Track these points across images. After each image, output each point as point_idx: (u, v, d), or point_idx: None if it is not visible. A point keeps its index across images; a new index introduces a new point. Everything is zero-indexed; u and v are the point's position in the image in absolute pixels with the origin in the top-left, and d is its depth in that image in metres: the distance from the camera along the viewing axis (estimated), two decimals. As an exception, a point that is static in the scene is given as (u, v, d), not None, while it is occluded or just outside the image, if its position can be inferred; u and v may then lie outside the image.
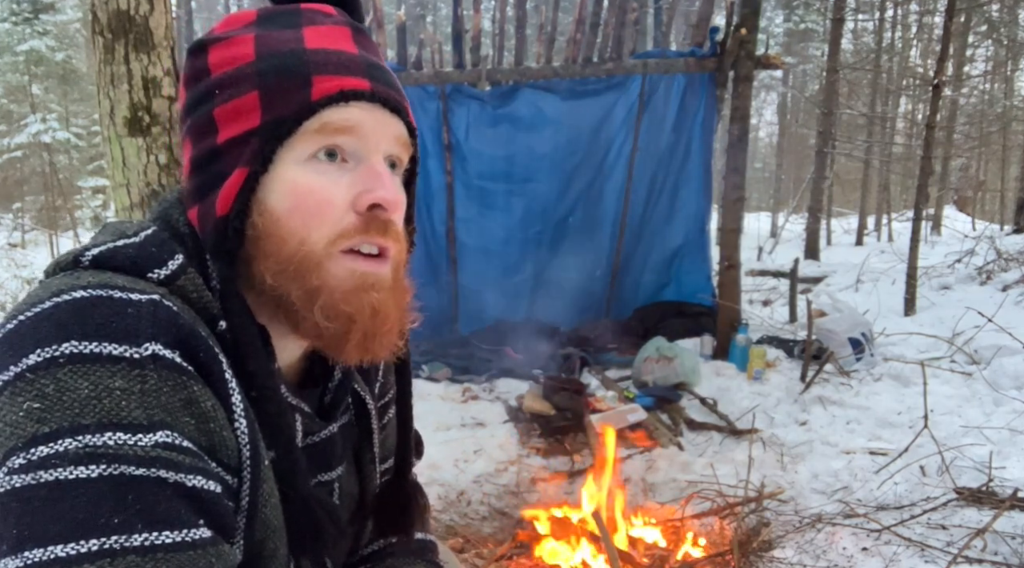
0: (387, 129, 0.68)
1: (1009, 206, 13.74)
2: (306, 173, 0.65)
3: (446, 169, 5.44)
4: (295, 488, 0.65)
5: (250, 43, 0.67)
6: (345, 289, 0.65)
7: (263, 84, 0.65)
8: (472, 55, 5.21)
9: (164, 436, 0.53)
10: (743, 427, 3.67)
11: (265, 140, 0.64)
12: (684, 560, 2.43)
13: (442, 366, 4.81)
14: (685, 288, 5.54)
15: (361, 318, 0.66)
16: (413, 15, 22.08)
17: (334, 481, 0.77)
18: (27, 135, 15.67)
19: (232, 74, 0.66)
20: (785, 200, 19.02)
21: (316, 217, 0.64)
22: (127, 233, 0.64)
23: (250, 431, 0.61)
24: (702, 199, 5.45)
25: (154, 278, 0.61)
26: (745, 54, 4.80)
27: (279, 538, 0.64)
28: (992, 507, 2.70)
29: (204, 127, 0.67)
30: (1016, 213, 9.67)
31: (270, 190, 0.65)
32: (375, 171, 0.66)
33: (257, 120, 0.65)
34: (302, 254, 0.64)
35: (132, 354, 0.54)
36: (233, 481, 0.60)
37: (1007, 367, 4.21)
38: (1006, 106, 16.59)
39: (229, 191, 0.64)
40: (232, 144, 0.65)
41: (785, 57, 16.35)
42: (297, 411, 0.71)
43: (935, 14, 15.42)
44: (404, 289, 0.73)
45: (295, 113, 0.64)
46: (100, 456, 0.50)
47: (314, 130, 0.64)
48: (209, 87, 0.67)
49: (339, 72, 0.65)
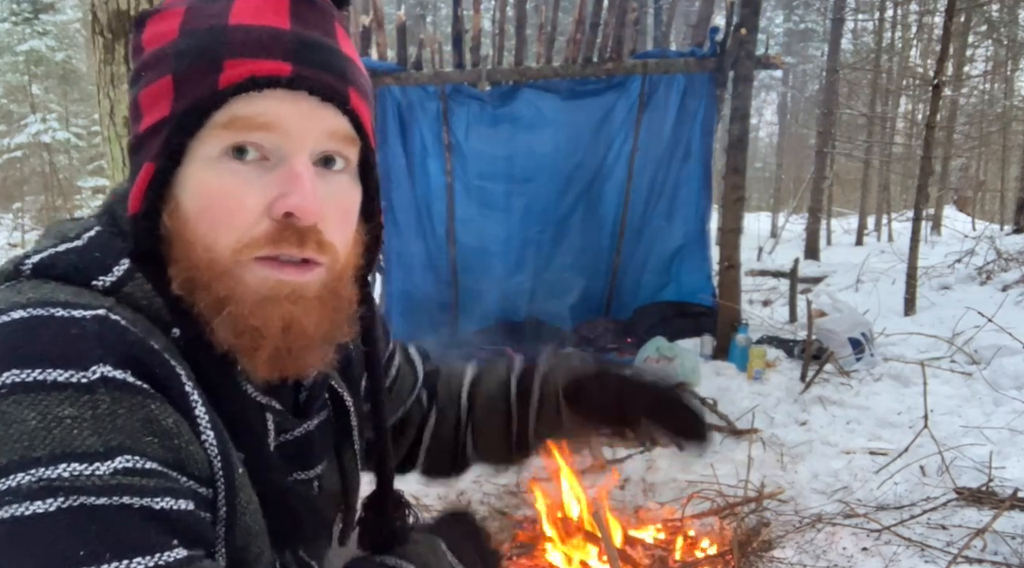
0: (315, 123, 0.59)
1: (1009, 206, 13.74)
2: (216, 173, 0.58)
3: (446, 169, 5.44)
4: (270, 485, 0.63)
5: (178, 17, 0.60)
6: (255, 299, 0.58)
7: (177, 67, 0.58)
8: (472, 55, 5.21)
9: (124, 461, 0.50)
10: (743, 427, 3.67)
11: (173, 132, 0.58)
12: (684, 560, 2.43)
13: (442, 366, 4.80)
14: (685, 288, 5.54)
15: (270, 332, 0.59)
16: (413, 15, 22.07)
17: (313, 479, 0.74)
18: (27, 135, 15.67)
19: (156, 53, 0.60)
20: (785, 200, 19.02)
21: (224, 223, 0.58)
22: (69, 236, 0.59)
23: (219, 442, 0.58)
24: (702, 199, 5.45)
25: (99, 286, 0.57)
26: (745, 54, 4.80)
27: (262, 541, 0.62)
28: (992, 507, 2.70)
29: (134, 112, 0.62)
30: (1016, 213, 9.67)
31: (182, 188, 0.59)
32: (294, 173, 0.58)
33: (168, 109, 0.58)
34: (207, 261, 0.58)
35: (80, 379, 0.50)
36: (208, 492, 0.57)
37: (1007, 367, 4.21)
38: (1006, 106, 16.58)
39: (139, 187, 0.59)
40: (148, 134, 0.60)
41: (785, 57, 16.36)
42: (268, 410, 0.67)
43: (935, 14, 15.40)
44: (340, 299, 0.64)
45: (201, 103, 0.57)
46: (57, 489, 0.47)
47: (223, 124, 0.57)
48: (139, 67, 0.61)
49: (255, 54, 0.57)
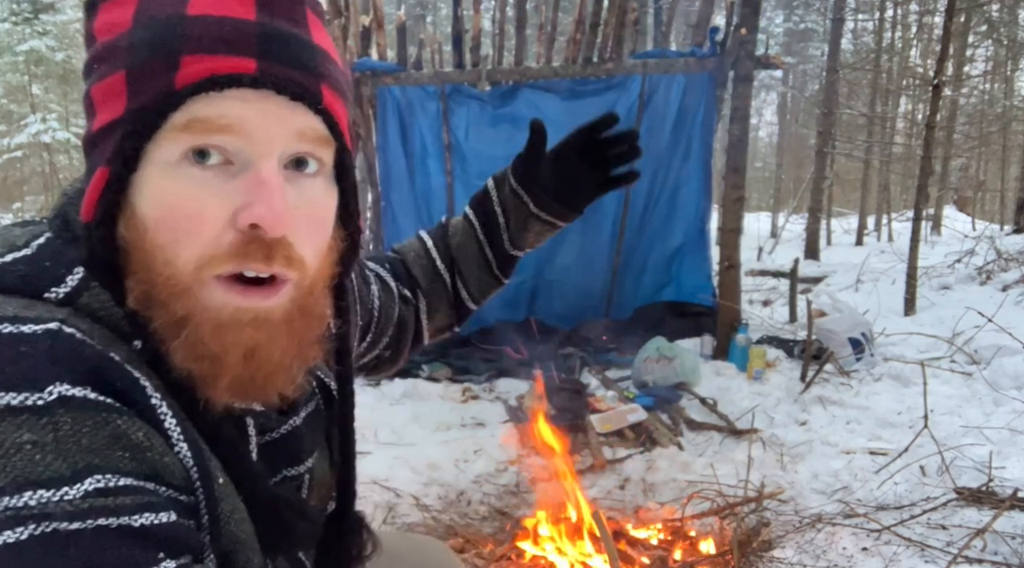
0: (283, 124, 0.54)
1: (1009, 206, 13.74)
2: (175, 179, 0.52)
3: (446, 169, 5.44)
4: (255, 496, 0.60)
5: (132, 6, 0.54)
6: (215, 324, 0.54)
7: (131, 62, 0.52)
8: (472, 55, 5.21)
9: (95, 482, 0.47)
10: (743, 427, 3.67)
11: (127, 135, 0.52)
12: (684, 560, 2.43)
13: (442, 366, 4.80)
14: (685, 288, 5.54)
15: (230, 360, 0.55)
16: (413, 15, 22.08)
17: (303, 474, 0.70)
18: (27, 135, 15.68)
19: (108, 45, 0.54)
20: (785, 200, 19.02)
21: (185, 234, 0.52)
22: (17, 244, 0.55)
23: (194, 453, 0.55)
24: (702, 199, 5.45)
25: (53, 298, 0.53)
26: (745, 54, 4.80)
27: (251, 549, 0.60)
28: (992, 507, 2.70)
29: (88, 107, 0.57)
30: (1016, 213, 9.67)
31: (139, 195, 0.53)
32: (260, 180, 0.53)
33: (122, 108, 0.53)
34: (166, 277, 0.53)
35: (36, 401, 0.47)
36: (190, 499, 0.55)
37: (1007, 367, 4.22)
38: (1006, 106, 16.58)
39: (92, 193, 0.54)
40: (101, 134, 0.55)
41: (785, 57, 16.37)
42: (247, 414, 0.63)
43: (935, 14, 15.40)
44: (309, 319, 0.59)
45: (158, 103, 0.52)
46: (25, 517, 0.45)
47: (181, 126, 0.52)
48: (91, 58, 0.56)
49: (216, 50, 0.51)
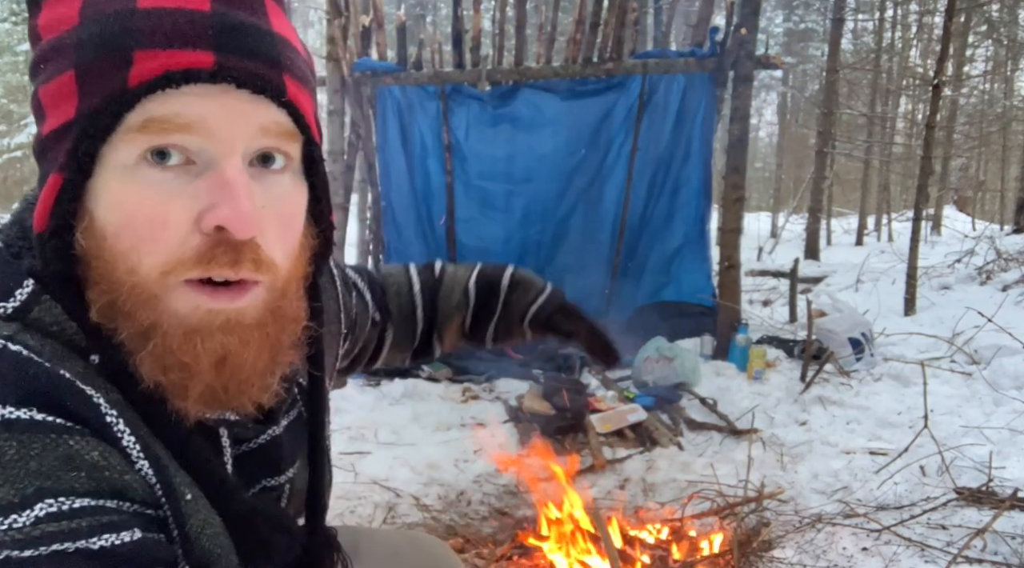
0: (246, 119, 0.51)
1: (1009, 206, 13.74)
2: (134, 183, 0.49)
3: (446, 169, 5.44)
4: (230, 511, 0.57)
5: (78, 1, 0.51)
6: (185, 330, 0.51)
7: (79, 60, 0.49)
8: (472, 55, 5.21)
9: (46, 507, 0.45)
10: (743, 427, 3.67)
11: (80, 138, 0.49)
12: (684, 560, 2.43)
13: (442, 366, 4.80)
14: (685, 288, 5.54)
15: (201, 368, 0.52)
16: (413, 15, 22.06)
17: (283, 484, 0.67)
18: (27, 135, 15.67)
19: (54, 43, 0.51)
20: (785, 200, 19.02)
21: (148, 241, 0.49)
22: None
23: (156, 470, 0.52)
24: (702, 199, 5.45)
25: (0, 313, 0.50)
26: (745, 54, 4.80)
27: (227, 562, 0.57)
28: (992, 507, 2.70)
29: (36, 110, 0.53)
30: (1016, 213, 9.67)
31: (96, 200, 0.50)
32: (223, 180, 0.49)
33: (73, 110, 0.50)
34: (131, 285, 0.50)
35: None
36: (158, 513, 0.52)
37: (1007, 367, 4.22)
38: (1006, 106, 16.59)
39: (44, 202, 0.51)
40: (53, 138, 0.51)
41: (785, 57, 16.37)
42: (221, 425, 0.60)
43: (935, 14, 15.41)
44: (283, 322, 0.56)
45: (110, 103, 0.48)
46: None
47: (137, 126, 0.49)
48: (37, 57, 0.52)
49: (170, 44, 0.48)
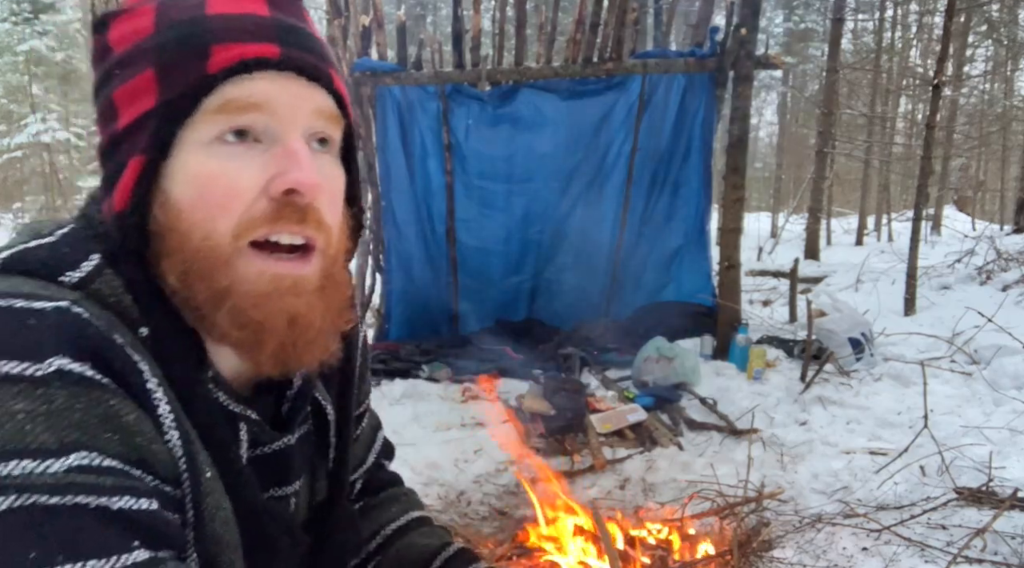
0: (305, 102, 0.60)
1: (1009, 206, 13.75)
2: (210, 158, 0.58)
3: (446, 169, 5.44)
4: (242, 500, 0.60)
5: (150, 15, 0.60)
6: (257, 293, 0.58)
7: (159, 59, 0.58)
8: (472, 55, 5.21)
9: (79, 458, 0.48)
10: (743, 427, 3.66)
11: (161, 122, 0.57)
12: (684, 560, 2.43)
13: (442, 366, 4.81)
14: (685, 288, 5.54)
15: (274, 326, 0.58)
16: (413, 15, 22.08)
17: (291, 496, 0.70)
18: (27, 135, 15.68)
19: (131, 51, 0.59)
20: (785, 200, 19.02)
21: (222, 207, 0.57)
22: (41, 233, 0.59)
23: (184, 443, 0.56)
24: (702, 199, 5.45)
25: (67, 282, 0.55)
26: (745, 54, 4.80)
27: (234, 552, 0.60)
28: (992, 507, 2.70)
29: (107, 112, 0.61)
30: (1016, 213, 9.67)
31: (172, 179, 0.58)
32: (290, 150, 0.59)
33: (153, 101, 0.58)
34: (207, 249, 0.57)
35: (34, 372, 0.48)
36: (176, 492, 0.55)
37: (1007, 367, 4.22)
38: (1006, 106, 16.59)
39: (126, 183, 0.58)
40: (130, 129, 0.59)
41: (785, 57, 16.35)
42: (242, 419, 0.64)
43: (935, 14, 15.42)
44: (338, 286, 0.64)
45: (192, 89, 0.57)
46: (7, 487, 0.46)
47: (215, 108, 0.57)
48: (110, 66, 0.61)
49: (242, 39, 0.58)
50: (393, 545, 0.86)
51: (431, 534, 0.88)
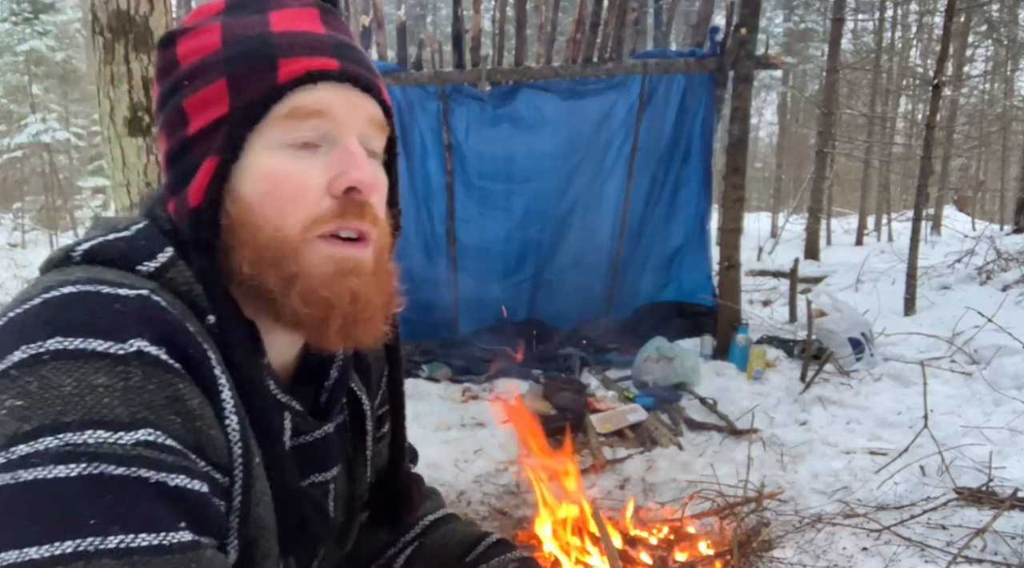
0: (359, 110, 0.67)
1: (1009, 206, 13.75)
2: (279, 159, 0.64)
3: (446, 169, 5.44)
4: (283, 486, 0.64)
5: (216, 32, 0.66)
6: (323, 274, 0.64)
7: (230, 71, 0.64)
8: (472, 55, 5.21)
9: (146, 434, 0.52)
10: (743, 427, 3.67)
11: (234, 127, 0.63)
12: (684, 560, 2.43)
13: (442, 366, 4.81)
14: (685, 288, 5.54)
15: (340, 304, 0.64)
16: (413, 15, 22.08)
17: (329, 482, 0.76)
18: (27, 135, 15.67)
19: (200, 64, 0.66)
20: (785, 200, 19.02)
21: (291, 203, 0.63)
22: (118, 227, 0.64)
23: (241, 429, 0.60)
24: (702, 199, 5.45)
25: (144, 271, 0.60)
26: (745, 54, 4.80)
27: (272, 537, 0.63)
28: (992, 507, 2.70)
29: (175, 119, 0.67)
30: (1016, 213, 9.67)
31: (243, 178, 0.64)
32: (349, 152, 0.65)
33: (226, 107, 0.64)
34: (277, 241, 0.63)
35: (117, 350, 0.52)
36: (224, 480, 0.59)
37: (1007, 367, 4.22)
38: (1006, 106, 16.59)
39: (200, 181, 0.64)
40: (202, 134, 0.65)
41: (785, 57, 16.35)
42: (286, 409, 0.69)
43: (935, 14, 15.42)
44: (388, 273, 0.71)
45: (263, 97, 0.63)
46: (80, 454, 0.49)
47: (283, 115, 0.64)
48: (178, 78, 0.66)
49: (306, 53, 0.64)
50: (436, 531, 0.93)
51: (470, 525, 0.96)
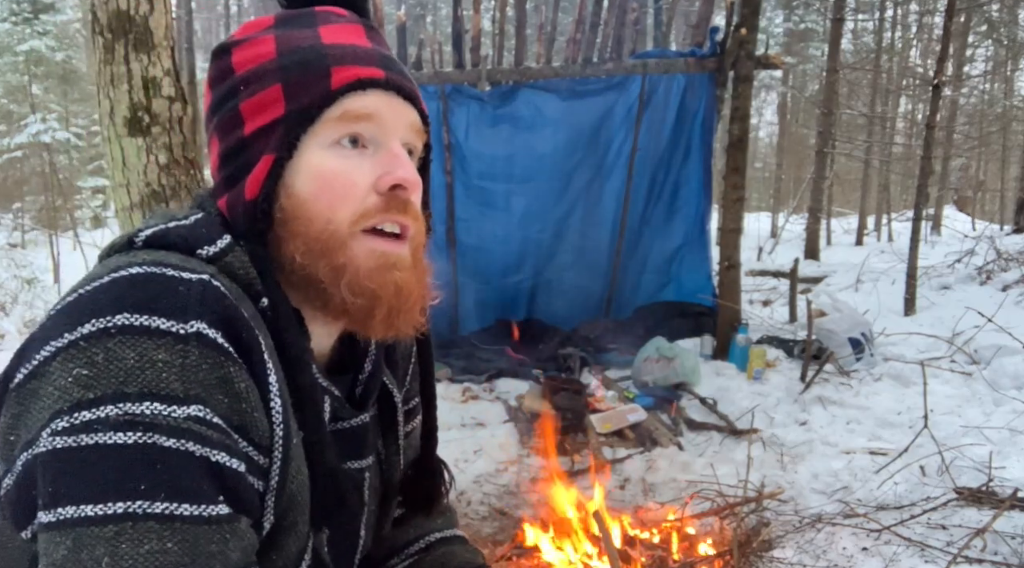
0: (402, 116, 0.72)
1: (1009, 206, 13.75)
2: (330, 158, 0.69)
3: (446, 169, 5.44)
4: (323, 463, 0.69)
5: (271, 42, 0.72)
6: (369, 267, 0.69)
7: (286, 77, 0.70)
8: (472, 55, 5.21)
9: (197, 410, 0.56)
10: (743, 427, 3.67)
11: (290, 127, 0.68)
12: (684, 560, 2.43)
13: (442, 366, 4.81)
14: (685, 288, 5.54)
15: (385, 294, 0.69)
16: (413, 15, 22.07)
17: (364, 470, 0.81)
18: (27, 135, 15.64)
19: (256, 71, 0.71)
20: (785, 200, 19.01)
21: (341, 198, 0.68)
22: (178, 217, 0.69)
23: (283, 411, 0.64)
24: (702, 199, 5.45)
25: (203, 255, 0.65)
26: (745, 54, 4.80)
27: (300, 513, 0.68)
28: (992, 507, 2.70)
29: (231, 122, 0.72)
30: (1016, 213, 9.66)
31: (296, 175, 0.69)
32: (394, 154, 0.70)
33: (282, 110, 0.69)
34: (328, 233, 0.68)
35: (178, 329, 0.57)
36: (263, 461, 0.62)
37: (1007, 367, 4.22)
38: (1006, 106, 16.60)
39: (257, 176, 0.69)
40: (259, 134, 0.70)
41: (785, 57, 16.34)
42: (327, 393, 0.74)
43: (935, 14, 15.42)
44: (424, 268, 0.76)
45: (317, 101, 0.68)
46: (137, 423, 0.53)
47: (335, 118, 0.69)
48: (234, 84, 0.72)
49: (356, 63, 0.70)
50: (436, 551, 0.96)
51: (472, 552, 0.98)
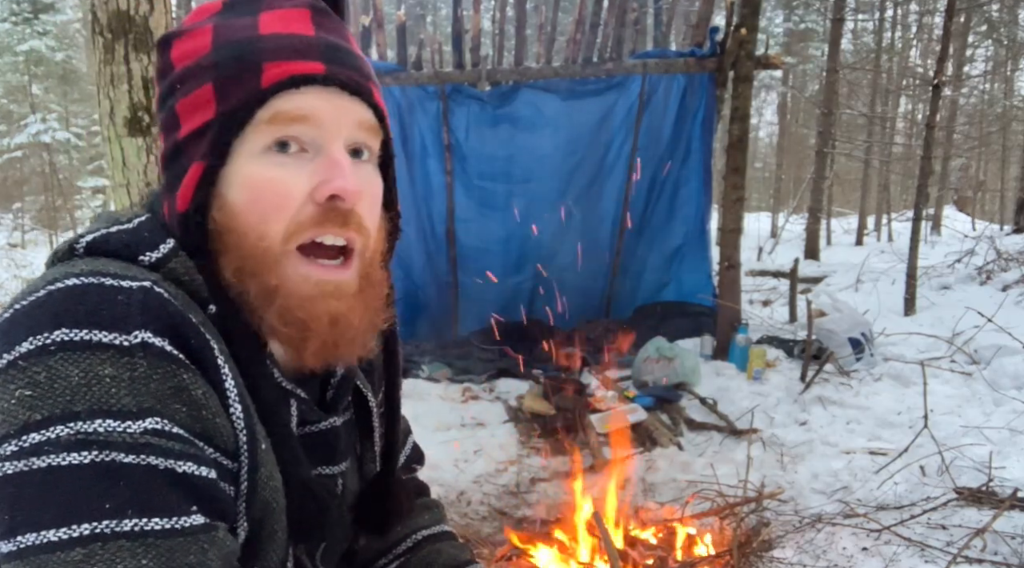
0: (347, 115, 0.65)
1: (1009, 206, 13.76)
2: (262, 165, 0.63)
3: (446, 169, 5.44)
4: (293, 472, 0.65)
5: (208, 34, 0.66)
6: (301, 295, 0.64)
7: (217, 75, 0.64)
8: (472, 55, 5.21)
9: (153, 423, 0.53)
10: (743, 427, 3.67)
11: (220, 132, 0.63)
12: (684, 560, 2.43)
13: (442, 366, 4.80)
14: (685, 288, 5.54)
15: (318, 327, 0.64)
16: (413, 15, 22.06)
17: (337, 476, 0.76)
18: (27, 135, 15.65)
19: (191, 67, 0.66)
20: (785, 200, 19.01)
21: (273, 210, 0.63)
22: (120, 220, 0.65)
23: (246, 416, 0.60)
24: (702, 199, 5.45)
25: (145, 261, 0.61)
26: (745, 54, 4.80)
27: (277, 520, 0.64)
28: (992, 507, 2.70)
29: (169, 122, 0.67)
30: (1016, 213, 9.67)
31: (228, 184, 0.64)
32: (333, 160, 0.64)
33: (212, 112, 0.64)
34: (260, 250, 0.63)
35: (122, 341, 0.53)
36: (232, 465, 0.59)
37: (1007, 367, 4.22)
38: (1006, 106, 16.60)
39: (187, 186, 0.64)
40: (191, 138, 0.65)
41: (785, 57, 16.34)
42: (292, 397, 0.69)
43: (935, 14, 15.42)
44: (375, 287, 0.70)
45: (246, 103, 0.63)
46: (91, 442, 0.51)
47: (267, 120, 0.63)
48: (172, 81, 0.67)
49: (291, 57, 0.64)
50: (423, 549, 0.92)
51: (460, 548, 0.94)
